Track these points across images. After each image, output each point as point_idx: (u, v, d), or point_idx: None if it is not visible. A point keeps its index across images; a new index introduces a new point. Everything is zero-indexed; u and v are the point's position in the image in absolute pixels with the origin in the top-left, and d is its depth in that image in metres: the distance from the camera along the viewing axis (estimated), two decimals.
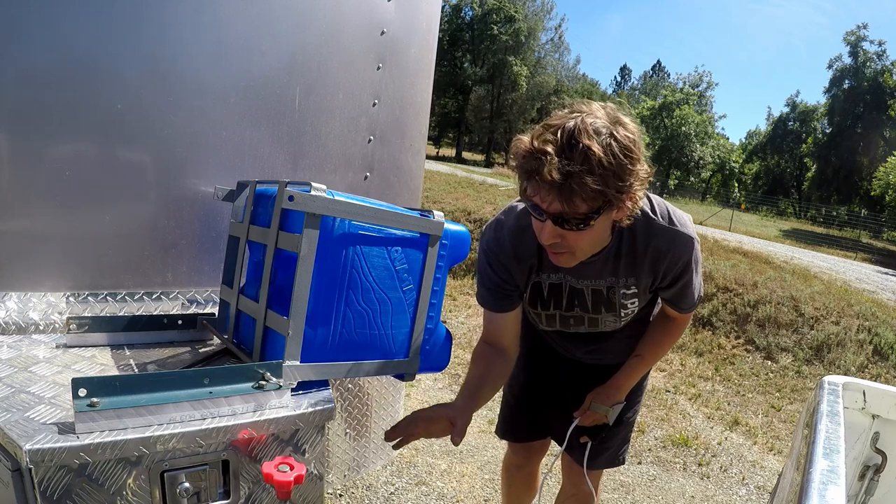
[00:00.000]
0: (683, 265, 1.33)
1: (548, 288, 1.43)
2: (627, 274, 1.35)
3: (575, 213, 1.08)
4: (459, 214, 8.19)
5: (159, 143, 1.50)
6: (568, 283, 1.40)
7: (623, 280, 1.37)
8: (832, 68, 35.58)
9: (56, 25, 1.36)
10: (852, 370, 4.93)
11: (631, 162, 1.07)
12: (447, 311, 5.55)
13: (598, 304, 1.42)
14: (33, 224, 1.40)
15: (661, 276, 1.35)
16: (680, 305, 1.45)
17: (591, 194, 1.04)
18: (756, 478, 3.18)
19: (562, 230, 1.13)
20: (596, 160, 1.02)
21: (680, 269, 1.34)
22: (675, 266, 1.33)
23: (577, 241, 1.16)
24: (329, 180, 1.89)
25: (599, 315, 1.45)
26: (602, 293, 1.40)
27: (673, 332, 1.56)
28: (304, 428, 1.15)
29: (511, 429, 1.82)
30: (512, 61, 40.81)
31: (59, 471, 0.91)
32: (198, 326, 1.47)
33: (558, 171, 1.02)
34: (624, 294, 1.39)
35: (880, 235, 26.42)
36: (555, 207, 1.08)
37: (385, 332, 1.30)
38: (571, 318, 1.48)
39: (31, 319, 1.39)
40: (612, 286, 1.38)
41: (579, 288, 1.40)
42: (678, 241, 1.30)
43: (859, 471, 1.61)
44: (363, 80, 1.93)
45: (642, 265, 1.33)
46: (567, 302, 1.44)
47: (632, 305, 1.44)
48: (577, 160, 1.02)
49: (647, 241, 1.29)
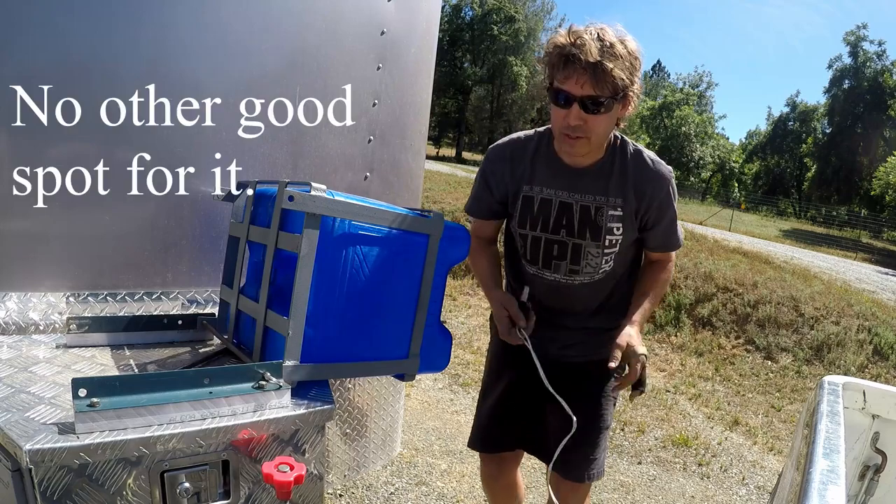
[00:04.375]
0: (666, 195, 1.49)
1: (538, 203, 1.52)
2: (616, 193, 1.47)
3: (601, 94, 1.28)
4: (459, 214, 8.18)
5: (159, 143, 1.50)
6: (559, 198, 1.50)
7: (612, 200, 1.48)
8: (832, 68, 35.57)
9: (56, 25, 1.36)
10: (852, 370, 4.93)
11: (638, 64, 1.32)
12: (447, 311, 5.55)
13: (584, 226, 1.49)
14: (33, 224, 1.40)
15: (645, 206, 1.48)
16: (671, 241, 1.57)
17: (616, 78, 1.26)
18: (756, 478, 3.18)
19: (585, 114, 1.31)
20: (620, 51, 1.27)
21: (664, 198, 1.49)
22: (659, 194, 1.48)
23: (596, 126, 1.34)
24: (329, 180, 1.89)
25: (584, 242, 1.50)
26: (590, 211, 1.49)
27: (666, 269, 1.62)
28: (304, 428, 1.15)
29: (481, 437, 1.77)
30: (512, 61, 40.80)
31: (59, 471, 0.91)
32: (198, 326, 1.47)
33: (598, 52, 1.25)
34: (611, 217, 1.48)
35: (880, 235, 26.42)
36: (587, 88, 1.28)
37: (385, 332, 1.30)
38: (556, 244, 1.52)
39: (31, 319, 1.39)
40: (601, 206, 1.48)
41: (569, 202, 1.49)
42: (661, 172, 1.49)
43: (859, 471, 1.61)
44: (363, 80, 1.93)
45: (629, 187, 1.47)
46: (555, 220, 1.51)
47: (616, 234, 1.50)
48: (607, 49, 1.26)
49: (636, 165, 1.48)
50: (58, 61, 1.37)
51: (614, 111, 1.35)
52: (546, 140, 1.52)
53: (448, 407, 3.54)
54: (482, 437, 1.77)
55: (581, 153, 1.43)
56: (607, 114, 1.33)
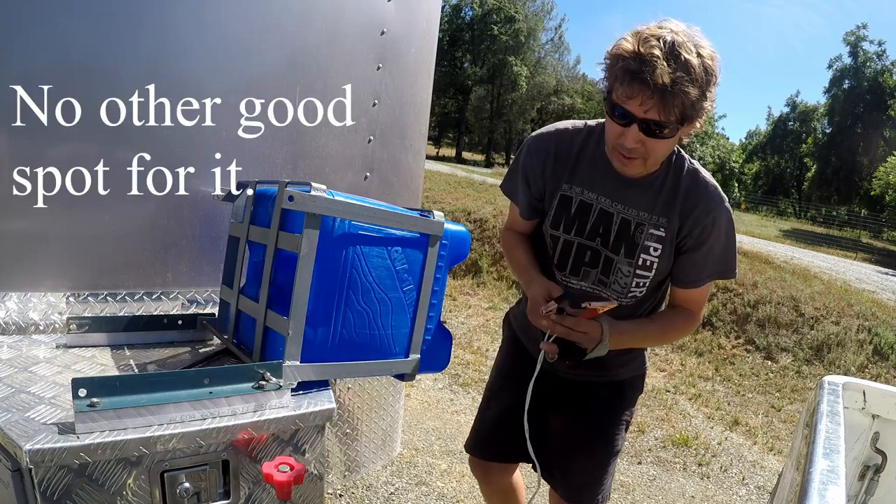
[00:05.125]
0: (712, 222, 1.32)
1: (577, 204, 1.39)
2: (662, 211, 1.34)
3: (667, 120, 1.12)
4: (459, 214, 8.19)
5: (159, 143, 1.50)
6: (600, 205, 1.37)
7: (656, 218, 1.34)
8: (832, 68, 35.55)
9: (56, 25, 1.36)
10: (852, 370, 4.93)
11: (714, 80, 1.15)
12: (447, 311, 5.54)
13: (620, 241, 1.36)
14: (33, 224, 1.40)
15: (687, 229, 1.33)
16: (698, 275, 1.38)
17: (688, 103, 1.10)
18: (756, 478, 3.18)
19: (645, 137, 1.16)
20: (696, 71, 1.09)
21: (708, 224, 1.32)
22: (704, 218, 1.32)
23: (655, 149, 1.20)
24: (329, 180, 1.88)
25: (616, 257, 1.37)
26: (630, 226, 1.36)
27: (685, 318, 1.45)
28: (304, 428, 1.15)
29: (481, 445, 1.71)
30: (512, 61, 40.77)
31: (59, 471, 0.91)
32: (198, 326, 1.47)
33: (669, 75, 1.07)
34: (650, 236, 1.34)
35: (880, 235, 26.41)
36: (652, 113, 1.12)
37: (385, 332, 1.30)
38: (588, 251, 1.39)
39: (31, 319, 1.39)
40: (643, 222, 1.35)
41: (610, 212, 1.36)
42: (714, 195, 1.34)
43: (859, 471, 1.61)
44: (363, 80, 1.93)
45: (677, 207, 1.33)
46: (591, 227, 1.38)
47: (652, 256, 1.35)
48: (681, 69, 1.08)
49: (689, 184, 1.33)
50: (58, 61, 1.37)
51: (676, 136, 1.21)
52: (597, 137, 1.37)
53: (448, 407, 3.54)
54: (482, 446, 1.72)
55: (634, 173, 1.31)
56: (668, 139, 1.19)
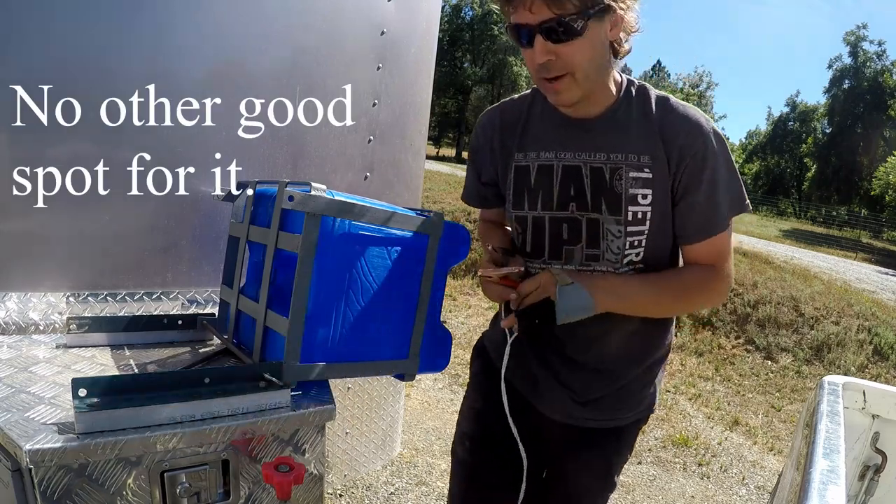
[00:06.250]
0: (702, 149, 1.09)
1: (536, 171, 1.18)
2: (640, 148, 1.10)
3: (563, 12, 0.97)
4: (459, 214, 8.18)
5: (159, 143, 1.50)
6: (562, 161, 1.16)
7: (635, 158, 1.10)
8: (832, 68, 35.60)
9: (56, 25, 1.36)
10: (852, 370, 4.94)
11: None
12: (447, 311, 5.54)
13: (599, 197, 1.13)
14: (33, 224, 1.40)
15: (675, 163, 1.09)
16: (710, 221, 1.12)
17: None
18: (756, 478, 3.18)
19: (553, 44, 1.01)
20: None
21: (699, 153, 1.09)
22: (692, 146, 1.08)
23: (571, 56, 1.01)
24: (329, 180, 1.89)
25: (600, 215, 1.13)
26: (603, 175, 1.12)
27: (704, 276, 1.15)
28: (304, 428, 1.15)
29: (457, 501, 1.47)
30: (512, 61, 40.75)
31: (59, 471, 0.91)
32: (198, 326, 1.47)
33: None
34: (633, 181, 1.10)
35: (880, 235, 26.41)
36: (543, 12, 0.97)
37: (385, 332, 1.30)
38: (564, 224, 1.17)
39: (31, 319, 1.39)
40: (618, 166, 1.11)
41: (576, 165, 1.14)
42: (695, 118, 1.10)
43: (859, 471, 1.61)
44: (363, 80, 1.93)
45: (656, 140, 1.10)
46: (560, 193, 1.16)
47: (642, 205, 1.11)
48: None
49: (663, 110, 1.11)
50: (58, 61, 1.37)
51: (593, 33, 1.01)
52: (544, 95, 1.18)
53: (448, 407, 3.54)
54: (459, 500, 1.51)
55: (572, 98, 1.08)
56: (582, 38, 1.00)
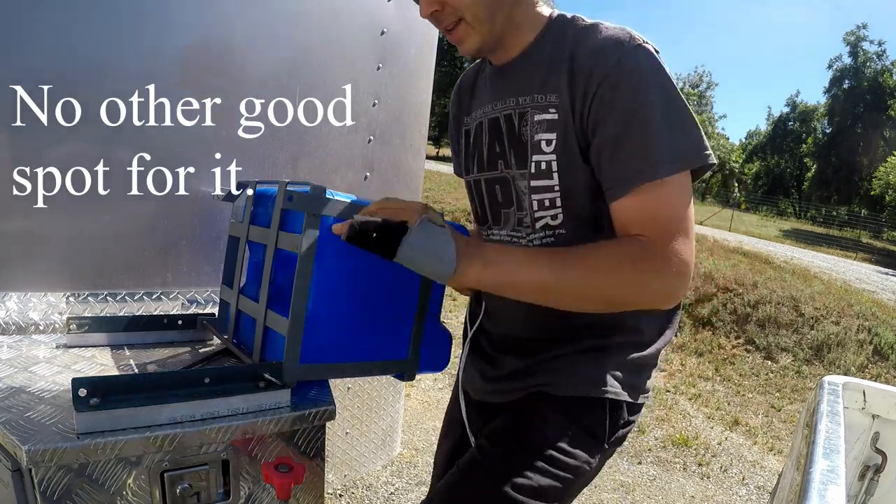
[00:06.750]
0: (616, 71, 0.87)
1: (475, 132, 1.13)
2: (545, 87, 0.96)
3: None
4: (460, 214, 8.19)
5: (159, 143, 1.50)
6: (487, 116, 1.09)
7: (540, 97, 0.97)
8: (832, 68, 35.64)
9: (56, 24, 1.36)
10: (852, 370, 4.94)
11: None
12: (447, 311, 5.55)
13: (511, 147, 1.03)
14: (33, 224, 1.40)
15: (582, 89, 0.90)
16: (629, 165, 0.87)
17: None
18: (756, 478, 3.18)
19: None
20: None
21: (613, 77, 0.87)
22: (602, 69, 0.87)
23: (455, 0, 0.92)
24: (329, 180, 1.89)
25: (511, 171, 1.03)
26: (513, 123, 1.01)
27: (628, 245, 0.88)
28: (304, 428, 1.15)
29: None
30: None
31: (59, 471, 0.91)
32: (198, 326, 1.47)
33: None
34: (538, 124, 0.97)
35: (880, 235, 26.42)
36: None
37: (385, 331, 1.30)
38: (497, 185, 1.08)
39: (31, 319, 1.39)
40: (525, 110, 0.99)
41: (494, 117, 1.06)
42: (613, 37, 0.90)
43: (859, 471, 1.62)
44: (363, 80, 1.93)
45: (563, 70, 0.94)
46: (488, 150, 1.08)
47: (546, 153, 0.96)
48: None
49: (577, 39, 0.94)
50: (58, 61, 1.37)
51: None
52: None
53: None
54: None
55: (473, 45, 0.98)
56: None
